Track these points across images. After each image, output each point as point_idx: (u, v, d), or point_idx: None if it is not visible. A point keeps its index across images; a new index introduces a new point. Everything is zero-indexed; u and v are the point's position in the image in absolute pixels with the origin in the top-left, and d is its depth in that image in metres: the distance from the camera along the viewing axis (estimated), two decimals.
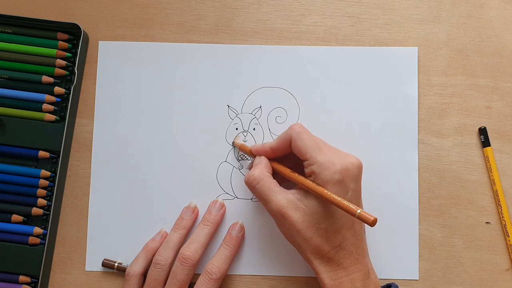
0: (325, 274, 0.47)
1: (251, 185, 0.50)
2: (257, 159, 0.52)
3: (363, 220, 0.44)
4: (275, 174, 0.51)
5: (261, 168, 0.50)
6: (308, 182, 0.48)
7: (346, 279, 0.47)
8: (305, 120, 0.55)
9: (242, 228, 0.54)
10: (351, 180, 0.47)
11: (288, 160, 0.52)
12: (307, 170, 0.48)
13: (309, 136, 0.49)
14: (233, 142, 0.55)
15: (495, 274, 0.54)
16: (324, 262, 0.48)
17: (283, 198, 0.48)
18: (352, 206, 0.45)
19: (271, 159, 0.52)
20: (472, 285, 0.54)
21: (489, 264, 0.54)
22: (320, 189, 0.46)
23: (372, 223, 0.44)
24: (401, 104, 0.56)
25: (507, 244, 0.54)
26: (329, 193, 0.46)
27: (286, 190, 0.49)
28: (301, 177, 0.48)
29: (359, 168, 0.49)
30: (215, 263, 0.51)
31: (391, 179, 0.55)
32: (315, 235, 0.47)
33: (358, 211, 0.44)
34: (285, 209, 0.47)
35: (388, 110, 0.55)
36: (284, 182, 0.51)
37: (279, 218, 0.48)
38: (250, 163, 0.54)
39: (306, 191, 0.48)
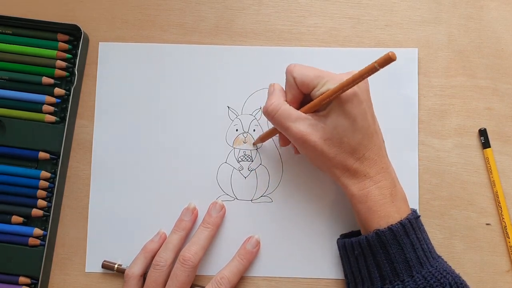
0: (353, 186, 0.48)
1: (270, 115, 0.49)
2: (271, 88, 0.51)
3: (384, 61, 0.41)
4: None
5: (278, 96, 0.49)
6: (331, 90, 0.46)
7: (374, 187, 0.47)
8: None
9: (257, 243, 0.54)
10: (362, 91, 0.47)
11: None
12: (318, 94, 0.47)
13: (307, 68, 0.49)
14: (257, 141, 0.55)
15: (495, 276, 0.54)
16: (351, 175, 0.48)
17: (302, 123, 0.48)
18: (368, 65, 0.42)
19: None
20: (472, 287, 0.54)
21: (489, 266, 0.54)
22: (343, 82, 0.44)
23: (392, 56, 0.40)
24: (401, 105, 0.56)
25: (507, 246, 0.54)
26: (347, 77, 0.44)
27: (303, 114, 0.48)
28: (322, 96, 0.47)
29: (366, 80, 0.48)
30: (226, 274, 0.52)
31: None
32: (339, 151, 0.47)
33: (375, 61, 0.41)
34: (305, 134, 0.47)
35: (388, 111, 0.55)
36: None
37: (301, 143, 0.48)
38: (279, 136, 0.53)
39: (323, 113, 0.47)
